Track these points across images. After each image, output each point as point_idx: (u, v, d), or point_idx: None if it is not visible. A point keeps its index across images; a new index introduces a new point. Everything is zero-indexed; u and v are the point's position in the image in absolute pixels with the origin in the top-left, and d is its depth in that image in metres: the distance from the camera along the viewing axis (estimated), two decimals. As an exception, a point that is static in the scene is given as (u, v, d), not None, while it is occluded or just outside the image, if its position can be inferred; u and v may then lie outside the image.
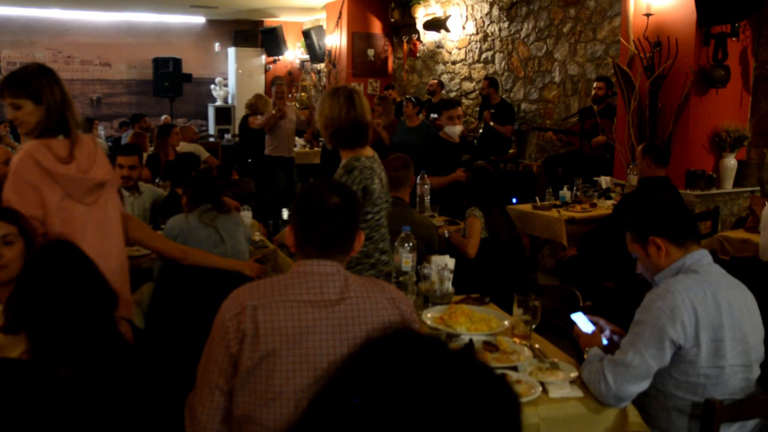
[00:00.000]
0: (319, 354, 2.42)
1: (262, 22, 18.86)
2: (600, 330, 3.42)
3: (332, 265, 2.54)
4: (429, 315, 3.63)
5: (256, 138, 10.82)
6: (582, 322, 3.44)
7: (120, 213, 3.95)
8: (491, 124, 10.57)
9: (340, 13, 15.09)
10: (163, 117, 14.92)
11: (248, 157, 11.18)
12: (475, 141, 10.79)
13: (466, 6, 12.83)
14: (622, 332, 3.26)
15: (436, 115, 11.95)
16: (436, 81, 12.60)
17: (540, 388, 2.98)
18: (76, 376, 2.49)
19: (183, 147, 9.25)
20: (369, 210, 4.23)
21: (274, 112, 10.48)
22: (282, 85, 11.25)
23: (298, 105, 11.35)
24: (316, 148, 12.73)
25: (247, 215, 5.94)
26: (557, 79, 10.88)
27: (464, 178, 5.91)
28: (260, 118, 10.69)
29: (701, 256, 3.15)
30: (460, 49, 13.12)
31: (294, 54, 18.51)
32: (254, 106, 10.88)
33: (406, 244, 4.04)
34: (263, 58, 18.71)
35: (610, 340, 3.35)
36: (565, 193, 7.72)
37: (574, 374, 3.11)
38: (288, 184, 10.73)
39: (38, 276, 2.67)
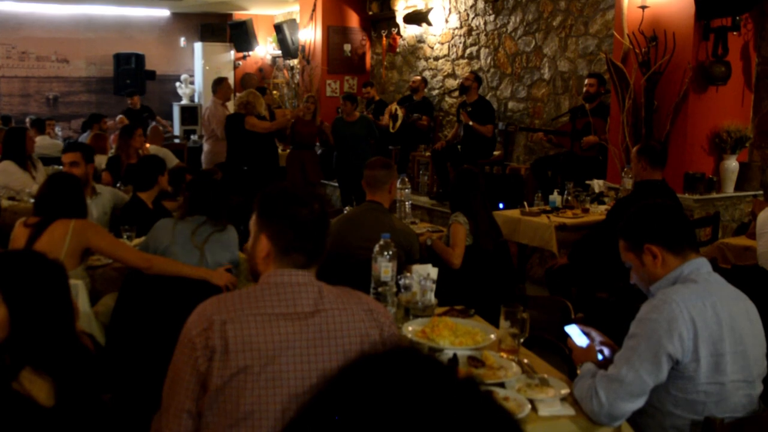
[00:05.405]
0: (292, 370, 2.40)
1: (230, 15, 18.78)
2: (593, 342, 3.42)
3: (305, 274, 2.54)
4: (410, 328, 3.63)
5: (255, 142, 10.25)
6: (576, 335, 3.43)
7: None
8: (470, 123, 10.55)
9: (315, 5, 15.06)
10: (118, 117, 14.82)
11: (243, 164, 10.33)
12: (459, 146, 10.81)
13: (450, -2, 12.85)
14: (614, 346, 3.26)
15: (418, 115, 11.97)
16: (419, 78, 12.61)
17: (529, 406, 2.96)
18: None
19: (151, 152, 9.16)
20: None
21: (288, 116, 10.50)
22: (314, 104, 11.69)
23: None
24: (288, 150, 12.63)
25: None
26: (547, 75, 10.91)
27: None
28: (266, 123, 10.36)
29: (700, 265, 3.16)
30: (442, 44, 13.13)
31: (265, 49, 18.46)
32: (251, 105, 10.28)
33: (386, 253, 4.02)
34: (232, 53, 18.66)
35: (603, 354, 3.34)
36: (556, 197, 7.72)
37: (565, 391, 3.11)
38: None
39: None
